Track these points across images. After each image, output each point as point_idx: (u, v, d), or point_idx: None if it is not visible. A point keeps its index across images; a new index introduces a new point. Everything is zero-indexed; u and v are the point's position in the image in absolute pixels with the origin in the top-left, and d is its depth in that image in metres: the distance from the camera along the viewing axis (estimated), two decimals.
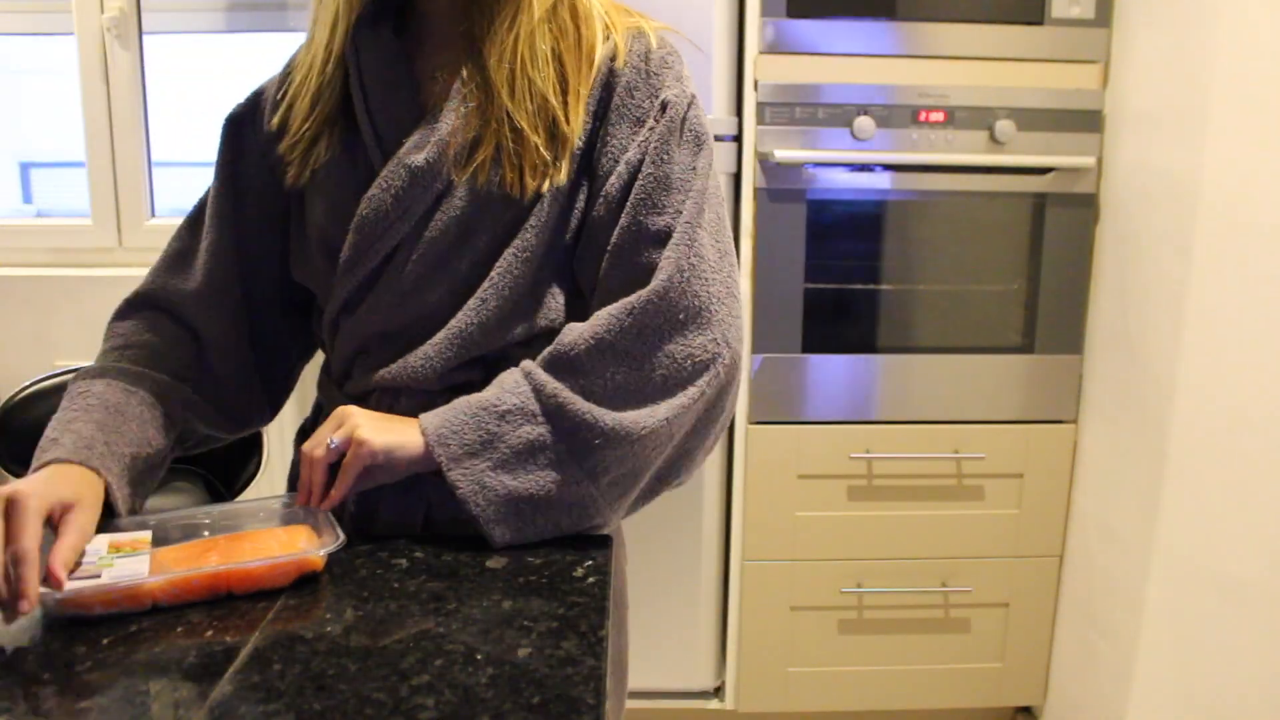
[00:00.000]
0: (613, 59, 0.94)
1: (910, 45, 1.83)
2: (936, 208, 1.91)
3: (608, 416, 0.87)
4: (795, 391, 1.93)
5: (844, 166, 1.86)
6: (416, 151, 0.91)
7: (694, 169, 0.93)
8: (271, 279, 1.05)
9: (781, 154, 1.81)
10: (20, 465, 1.58)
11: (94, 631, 0.74)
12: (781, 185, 1.85)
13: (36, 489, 0.79)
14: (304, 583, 0.83)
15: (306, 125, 0.96)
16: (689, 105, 0.96)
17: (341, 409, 0.90)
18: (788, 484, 1.95)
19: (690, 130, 0.95)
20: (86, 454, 0.87)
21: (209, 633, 0.75)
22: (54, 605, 0.76)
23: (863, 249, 1.93)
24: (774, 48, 1.82)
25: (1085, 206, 1.89)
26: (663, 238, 0.90)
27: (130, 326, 1.03)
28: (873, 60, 1.83)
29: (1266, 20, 1.52)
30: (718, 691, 2.09)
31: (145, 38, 2.20)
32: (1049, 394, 1.96)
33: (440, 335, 0.93)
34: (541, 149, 0.90)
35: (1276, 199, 1.57)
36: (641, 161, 0.92)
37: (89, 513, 0.82)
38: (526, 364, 0.89)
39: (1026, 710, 2.15)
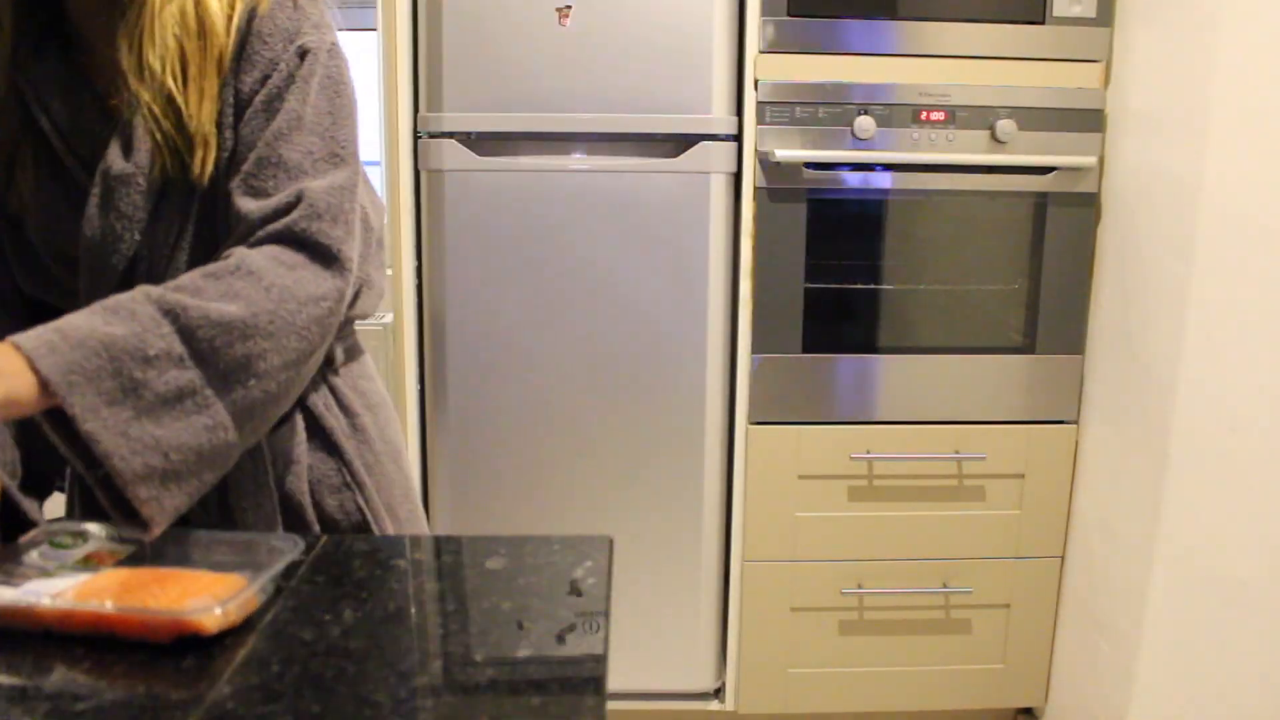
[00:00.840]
0: (251, 18, 0.92)
1: (911, 44, 1.83)
2: (937, 207, 1.91)
3: (264, 357, 0.84)
4: (795, 392, 1.93)
5: (844, 166, 1.85)
6: (116, 161, 0.90)
7: (330, 114, 0.93)
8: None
9: (781, 154, 1.80)
10: None
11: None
12: (781, 185, 1.85)
13: None
14: (303, 582, 0.82)
15: None
16: (328, 53, 0.94)
17: None
18: (788, 484, 1.95)
19: (330, 78, 0.94)
20: None
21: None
22: None
23: (863, 249, 1.93)
24: (774, 47, 1.81)
25: (1086, 206, 1.89)
26: (291, 173, 0.90)
27: None
28: (873, 59, 1.83)
29: (1268, 20, 1.52)
30: (718, 693, 2.09)
31: None
32: (1050, 394, 1.96)
33: None
34: (173, 135, 0.89)
35: (1278, 199, 1.57)
36: (274, 101, 0.91)
37: None
38: (170, 298, 0.81)
39: (1028, 711, 2.15)
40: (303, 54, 0.92)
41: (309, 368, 0.90)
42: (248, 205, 0.89)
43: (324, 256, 0.89)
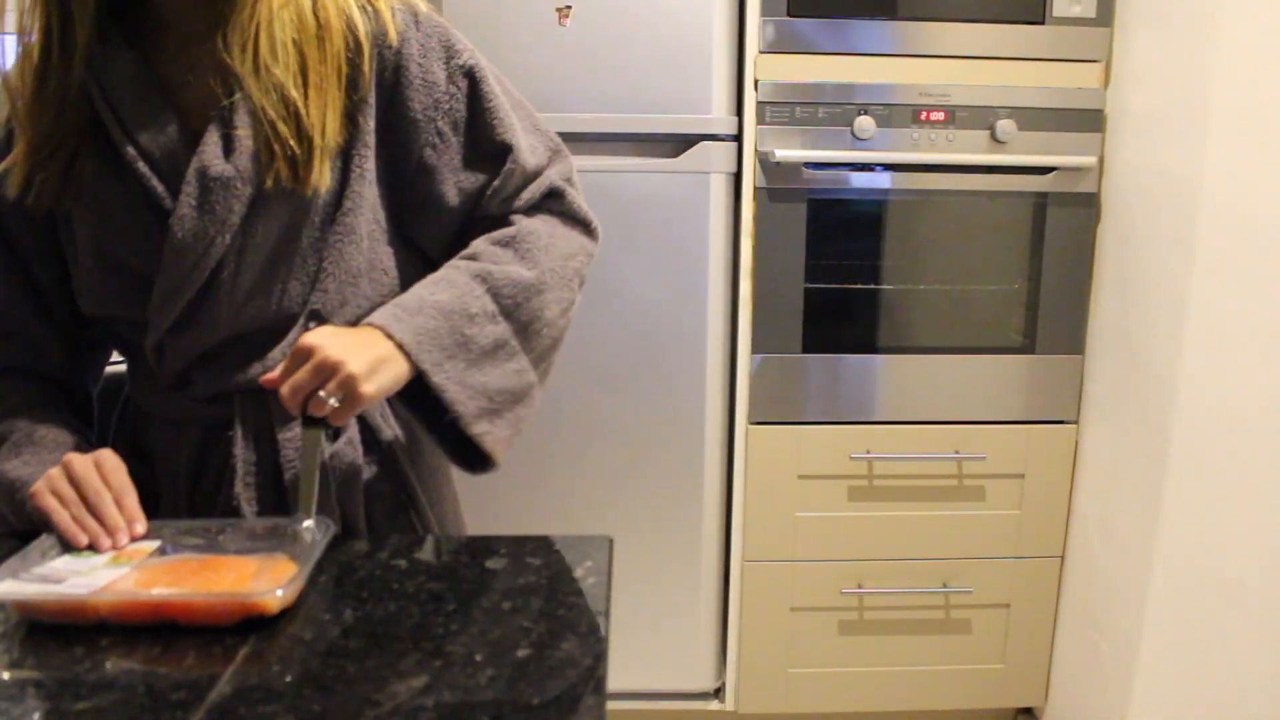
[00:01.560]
0: (383, 38, 0.93)
1: (911, 44, 1.83)
2: (937, 207, 1.91)
3: (548, 308, 0.97)
4: (795, 392, 1.93)
5: (844, 166, 1.85)
6: (215, 162, 0.89)
7: (526, 113, 1.04)
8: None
9: (781, 154, 1.80)
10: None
11: (92, 632, 0.74)
12: (781, 185, 1.85)
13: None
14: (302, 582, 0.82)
15: (54, 149, 0.90)
16: (482, 64, 1.00)
17: (312, 343, 0.83)
18: (788, 484, 1.95)
19: (494, 89, 1.00)
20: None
21: (208, 632, 0.75)
22: (9, 606, 0.76)
23: (863, 249, 1.93)
24: (774, 47, 1.81)
25: (1086, 206, 1.89)
26: (530, 172, 1.00)
27: None
28: (873, 59, 1.83)
29: (1267, 19, 1.52)
30: (718, 692, 2.09)
31: None
32: (1050, 394, 1.96)
33: (293, 333, 0.95)
34: (291, 141, 0.88)
35: (1277, 199, 1.57)
36: (459, 126, 0.97)
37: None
38: (475, 266, 0.94)
39: (1028, 711, 2.15)
40: (469, 73, 0.97)
41: (571, 316, 1.02)
42: (502, 208, 1.00)
43: (581, 222, 1.03)
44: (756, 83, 1.82)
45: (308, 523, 0.86)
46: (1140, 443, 1.75)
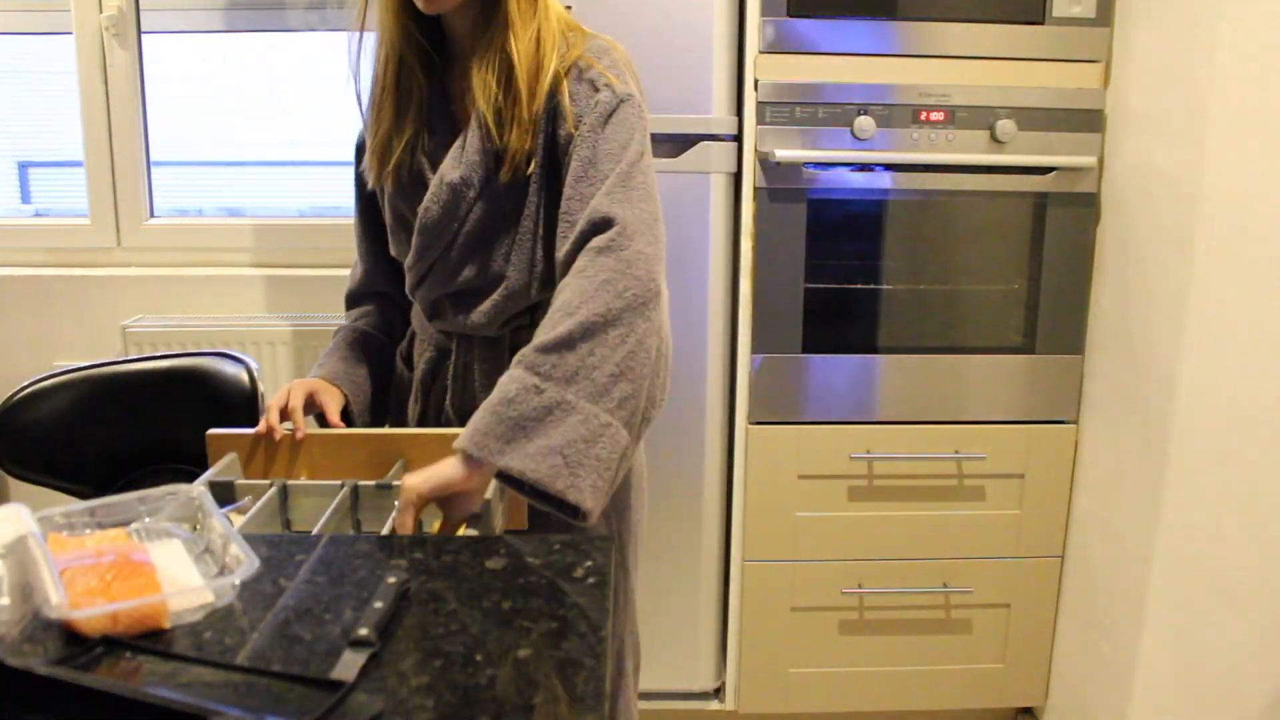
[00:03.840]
0: (565, 77, 1.15)
1: (911, 45, 1.83)
2: (937, 207, 1.91)
3: (596, 350, 1.03)
4: (795, 391, 1.93)
5: (844, 166, 1.85)
6: (454, 169, 1.17)
7: (622, 146, 1.12)
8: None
9: (781, 154, 1.80)
10: (20, 465, 1.58)
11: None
12: (781, 185, 1.85)
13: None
14: (303, 582, 0.82)
15: (391, 145, 1.21)
16: (618, 103, 1.14)
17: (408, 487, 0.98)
18: (788, 484, 1.95)
19: (617, 121, 1.13)
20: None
21: (207, 633, 0.75)
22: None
23: (863, 249, 1.93)
24: (774, 47, 1.81)
25: (1086, 206, 1.89)
26: (598, 203, 1.09)
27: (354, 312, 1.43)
28: (873, 60, 1.83)
29: (1267, 20, 1.52)
30: (718, 692, 2.09)
31: (144, 37, 2.19)
32: (1050, 394, 1.96)
33: (490, 298, 1.21)
34: (498, 144, 1.15)
35: (1277, 199, 1.57)
36: (580, 151, 1.13)
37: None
38: (518, 355, 1.04)
39: (1028, 711, 2.15)
40: (611, 100, 1.13)
41: (645, 340, 1.05)
42: (569, 235, 1.10)
43: (632, 264, 1.06)
44: (756, 83, 1.82)
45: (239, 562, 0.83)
46: (1140, 443, 1.75)
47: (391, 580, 0.80)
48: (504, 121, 1.13)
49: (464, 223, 1.19)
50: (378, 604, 0.76)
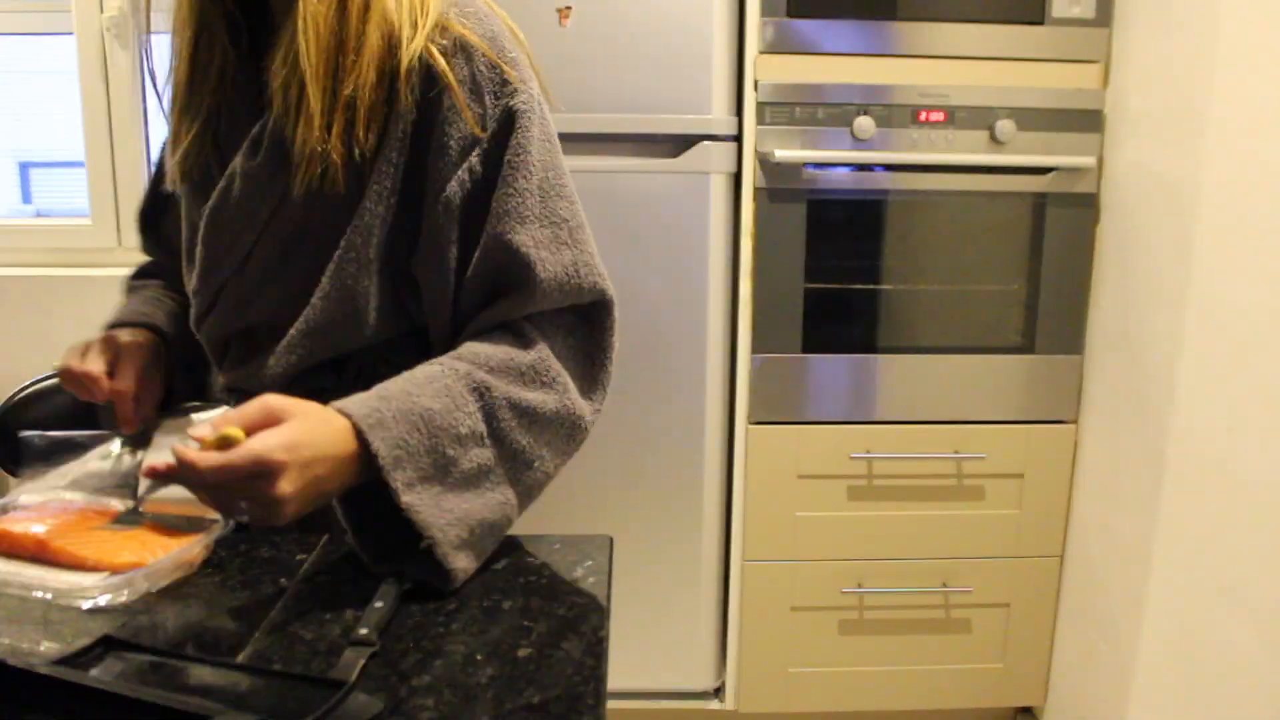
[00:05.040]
0: (443, 38, 0.89)
1: (910, 45, 1.83)
2: (936, 208, 1.91)
3: (544, 448, 0.89)
4: (795, 391, 1.93)
5: (844, 166, 1.86)
6: (250, 157, 0.92)
7: (551, 185, 0.92)
8: None
9: (781, 154, 1.80)
10: (19, 466, 1.58)
11: (89, 624, 0.74)
12: (781, 185, 1.85)
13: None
14: (305, 582, 0.82)
15: (190, 132, 0.96)
16: (541, 111, 0.92)
17: (270, 451, 0.72)
18: (788, 484, 1.95)
19: (536, 138, 0.91)
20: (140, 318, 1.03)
21: (208, 633, 0.75)
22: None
23: (863, 249, 1.93)
24: (774, 48, 1.81)
25: (1086, 206, 1.89)
26: (523, 245, 0.89)
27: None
28: (873, 60, 1.83)
29: (1267, 20, 1.52)
30: (718, 692, 2.09)
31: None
32: (1049, 394, 1.96)
33: (285, 340, 0.94)
34: (330, 150, 0.87)
35: (1277, 199, 1.57)
36: (489, 173, 0.89)
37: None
38: (476, 376, 0.84)
39: (1027, 711, 2.15)
40: (511, 117, 0.89)
41: (563, 464, 0.93)
42: (484, 297, 0.90)
43: (599, 348, 0.93)
44: (756, 83, 1.82)
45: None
46: (1139, 443, 1.75)
47: (392, 580, 0.80)
48: (300, 113, 0.87)
49: (263, 231, 0.93)
50: (378, 604, 0.76)
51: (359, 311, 0.93)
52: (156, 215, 1.10)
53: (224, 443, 0.71)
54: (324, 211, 0.91)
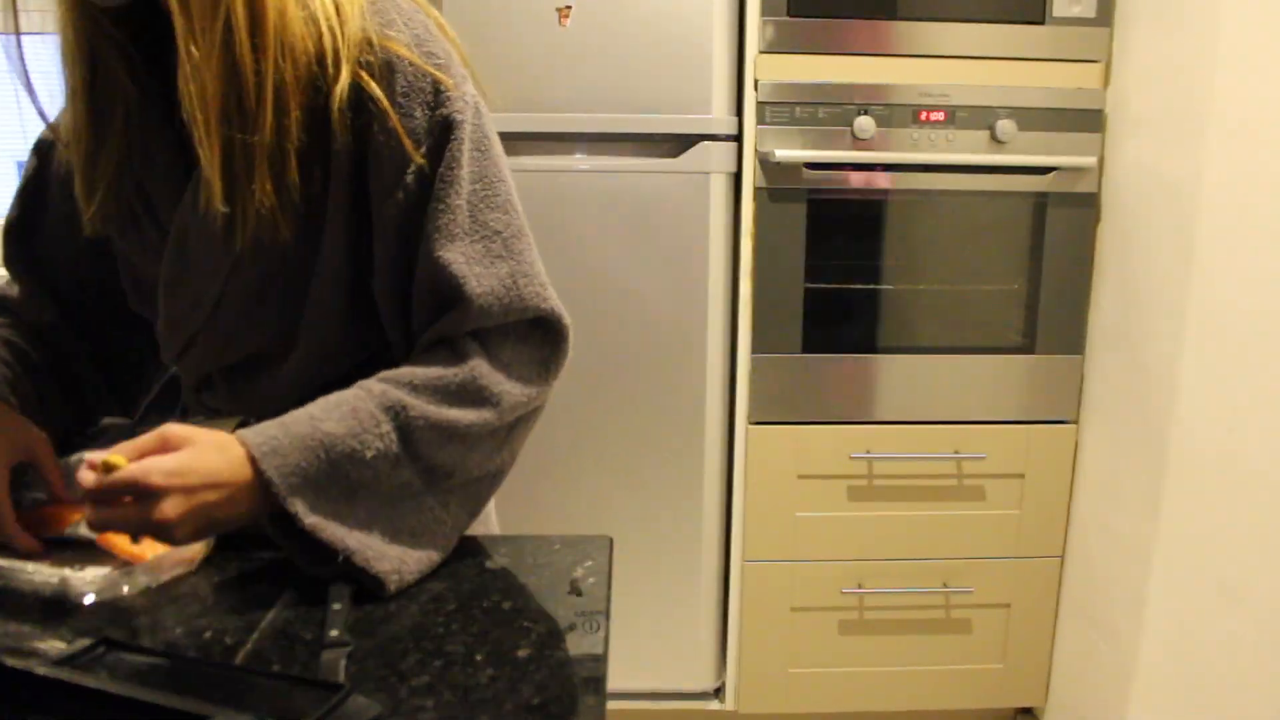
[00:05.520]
0: (368, 54, 0.83)
1: (911, 45, 1.83)
2: (937, 207, 1.91)
3: (470, 458, 0.86)
4: (795, 391, 1.93)
5: (844, 166, 1.85)
6: (193, 210, 0.85)
7: (484, 198, 0.87)
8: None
9: (781, 154, 1.80)
10: None
11: (85, 623, 0.74)
12: (781, 185, 1.85)
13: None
14: (304, 582, 0.82)
15: (105, 182, 0.89)
16: (475, 117, 0.87)
17: (146, 475, 0.72)
18: (788, 484, 1.95)
19: (469, 149, 0.86)
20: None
21: (207, 633, 0.75)
22: None
23: (863, 249, 1.93)
24: (774, 47, 1.81)
25: (1086, 206, 1.89)
26: (453, 263, 0.85)
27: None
28: (873, 60, 1.83)
29: (1267, 20, 1.52)
30: (718, 692, 2.09)
31: None
32: (1050, 394, 1.96)
33: (274, 372, 0.93)
34: (264, 203, 0.81)
35: (1277, 199, 1.56)
36: (424, 189, 0.85)
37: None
38: (391, 395, 0.81)
39: (1028, 711, 2.15)
40: (446, 127, 0.85)
41: (509, 459, 0.92)
42: (430, 302, 0.86)
43: (551, 347, 0.91)
44: (756, 83, 1.82)
45: None
46: (1140, 443, 1.75)
47: (339, 582, 0.80)
48: (239, 163, 0.80)
49: (226, 283, 0.88)
50: (336, 605, 0.77)
51: (342, 343, 0.92)
52: (28, 234, 1.00)
53: (108, 468, 0.73)
54: (283, 256, 0.86)
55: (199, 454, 0.74)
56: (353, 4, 0.83)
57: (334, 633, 0.73)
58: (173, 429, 0.75)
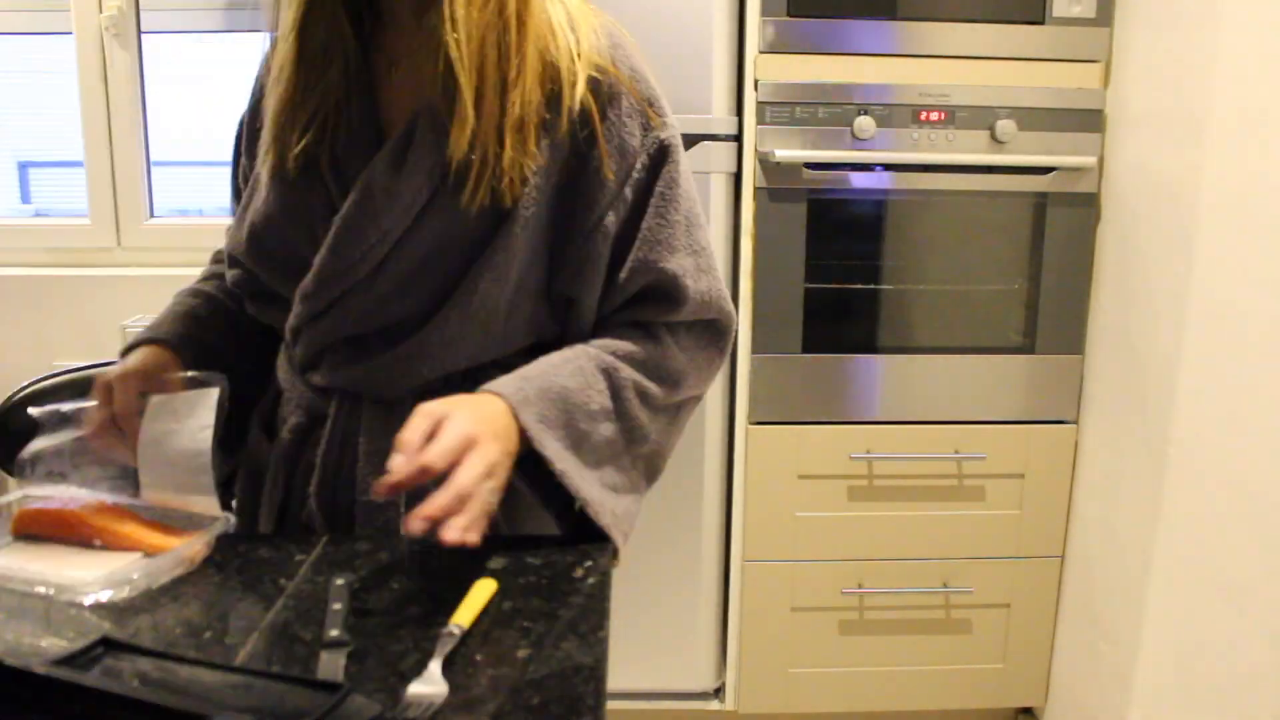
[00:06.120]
0: (599, 73, 0.92)
1: (911, 45, 1.83)
2: (937, 207, 1.91)
3: (652, 426, 0.97)
4: (795, 391, 1.93)
5: (844, 166, 1.85)
6: (392, 168, 0.89)
7: (690, 219, 0.99)
8: None
9: (781, 154, 1.80)
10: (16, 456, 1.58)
11: (85, 623, 0.74)
12: (781, 185, 1.84)
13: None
14: (304, 582, 0.82)
15: (295, 120, 0.92)
16: (679, 145, 0.98)
17: (467, 428, 0.80)
18: (788, 484, 1.95)
19: (683, 171, 0.98)
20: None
21: (207, 633, 0.75)
22: None
23: (863, 249, 1.93)
24: (774, 47, 1.81)
25: (1086, 206, 1.89)
26: (675, 271, 0.95)
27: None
28: (873, 60, 1.83)
29: (1267, 20, 1.52)
30: (718, 692, 2.09)
31: (144, 37, 2.19)
32: (1050, 394, 1.96)
33: (403, 347, 0.93)
34: (504, 163, 0.87)
35: (1277, 199, 1.57)
36: (640, 201, 0.95)
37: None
38: (604, 359, 0.93)
39: (1028, 711, 2.15)
40: (663, 150, 0.95)
41: (670, 446, 1.04)
42: (629, 293, 0.96)
43: (718, 347, 1.02)
44: (756, 83, 1.82)
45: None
46: (1140, 443, 1.75)
47: (340, 581, 0.80)
48: (474, 125, 0.86)
49: (399, 245, 0.90)
50: (336, 605, 0.77)
51: (490, 329, 0.93)
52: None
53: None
54: (467, 228, 0.89)
55: (478, 410, 0.83)
56: (586, 20, 0.95)
57: (334, 633, 0.73)
58: (424, 406, 0.81)
